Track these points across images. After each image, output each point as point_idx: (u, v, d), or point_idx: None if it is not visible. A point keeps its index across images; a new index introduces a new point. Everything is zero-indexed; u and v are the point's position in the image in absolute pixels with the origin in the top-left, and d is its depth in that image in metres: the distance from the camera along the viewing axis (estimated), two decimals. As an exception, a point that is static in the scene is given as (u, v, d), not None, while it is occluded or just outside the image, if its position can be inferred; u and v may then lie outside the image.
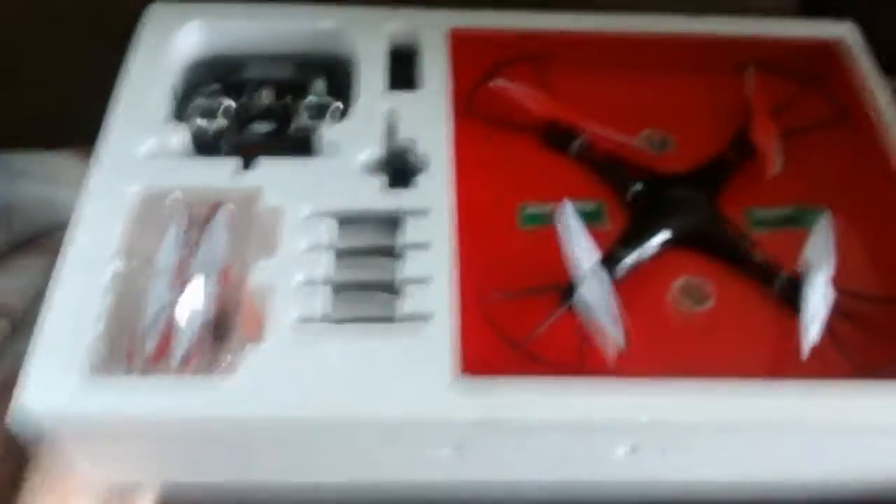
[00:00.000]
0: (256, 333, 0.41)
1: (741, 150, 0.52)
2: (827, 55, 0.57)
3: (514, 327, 0.44)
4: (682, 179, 0.51)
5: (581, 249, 0.44)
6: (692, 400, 0.40)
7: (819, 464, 0.44)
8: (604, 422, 0.39)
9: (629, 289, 0.45)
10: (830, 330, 0.43)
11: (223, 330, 0.42)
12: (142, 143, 0.48)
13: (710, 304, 0.47)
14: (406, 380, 0.39)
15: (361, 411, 0.39)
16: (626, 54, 0.57)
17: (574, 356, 0.43)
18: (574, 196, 0.49)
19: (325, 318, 0.42)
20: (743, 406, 0.40)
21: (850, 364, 0.43)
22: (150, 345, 0.40)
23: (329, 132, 0.49)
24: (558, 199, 0.45)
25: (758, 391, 0.40)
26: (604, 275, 0.43)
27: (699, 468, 0.44)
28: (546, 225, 0.49)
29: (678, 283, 0.47)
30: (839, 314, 0.44)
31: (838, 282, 0.44)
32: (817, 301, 0.44)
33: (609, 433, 0.41)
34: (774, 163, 0.51)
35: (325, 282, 0.43)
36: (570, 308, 0.44)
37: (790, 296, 0.45)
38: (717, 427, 0.40)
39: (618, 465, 0.43)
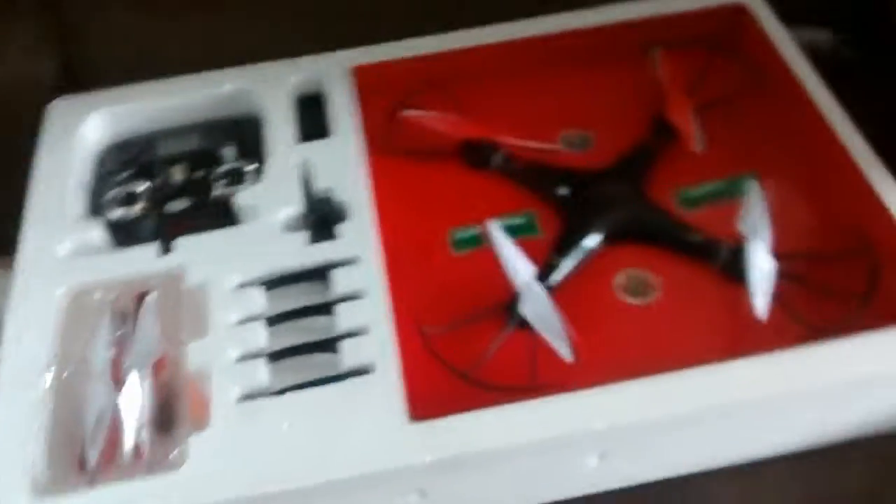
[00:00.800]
0: (203, 418, 0.40)
1: (661, 134, 0.52)
2: (731, 21, 0.56)
3: (465, 357, 0.43)
4: (607, 174, 0.51)
5: (515, 266, 0.43)
6: (651, 397, 0.39)
7: (792, 431, 0.44)
8: (562, 437, 0.39)
9: (573, 295, 0.45)
10: (779, 296, 0.43)
11: (169, 420, 0.41)
12: (60, 243, 0.47)
13: (657, 294, 0.46)
14: (357, 436, 0.39)
15: (317, 477, 0.38)
16: (533, 59, 0.56)
17: (526, 377, 0.42)
18: (504, 211, 0.49)
19: (268, 391, 0.41)
20: (704, 391, 0.39)
21: (804, 327, 0.43)
22: (96, 449, 0.40)
23: (245, 197, 0.48)
24: (488, 217, 0.45)
25: (716, 374, 0.40)
26: (540, 289, 0.43)
27: (673, 461, 0.43)
28: (480, 246, 0.48)
29: (621, 279, 0.47)
30: (785, 278, 0.43)
31: (778, 246, 0.44)
32: (761, 267, 0.43)
33: (571, 446, 0.40)
34: (695, 140, 0.51)
35: (262, 353, 0.42)
36: (515, 328, 0.43)
37: (736, 269, 0.45)
38: (681, 419, 0.40)
39: (592, 476, 0.42)
